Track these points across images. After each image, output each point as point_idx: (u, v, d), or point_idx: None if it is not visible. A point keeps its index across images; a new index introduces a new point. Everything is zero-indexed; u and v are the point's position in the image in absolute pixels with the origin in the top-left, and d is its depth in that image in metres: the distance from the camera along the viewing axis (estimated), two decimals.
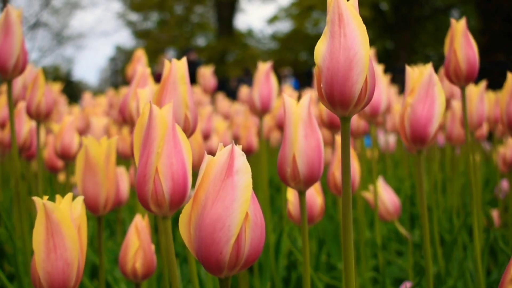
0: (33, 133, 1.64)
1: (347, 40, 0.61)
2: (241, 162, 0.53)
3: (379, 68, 1.54)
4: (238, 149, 0.53)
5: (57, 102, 2.85)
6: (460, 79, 1.18)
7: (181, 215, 0.55)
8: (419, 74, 0.92)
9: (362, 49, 0.61)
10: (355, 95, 0.61)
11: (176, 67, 0.90)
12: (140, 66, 1.34)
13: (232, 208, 0.52)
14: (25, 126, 1.55)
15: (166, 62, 0.91)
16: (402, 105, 0.93)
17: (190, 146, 0.70)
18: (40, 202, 0.70)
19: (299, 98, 1.67)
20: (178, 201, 0.68)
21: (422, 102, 0.90)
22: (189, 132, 0.92)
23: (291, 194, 1.12)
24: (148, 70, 1.31)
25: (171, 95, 0.89)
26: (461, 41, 1.16)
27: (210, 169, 0.53)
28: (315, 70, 0.63)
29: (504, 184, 2.20)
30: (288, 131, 0.83)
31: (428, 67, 0.92)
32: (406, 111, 0.91)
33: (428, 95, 0.90)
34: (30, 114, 1.44)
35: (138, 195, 0.68)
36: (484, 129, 2.32)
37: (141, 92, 0.95)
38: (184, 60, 0.91)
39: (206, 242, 0.53)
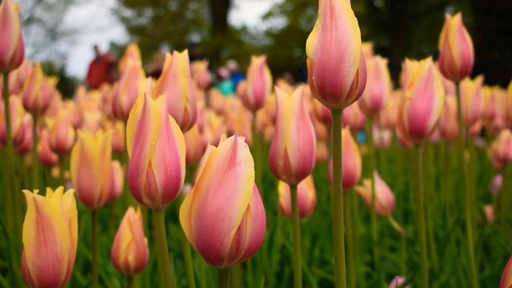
0: (25, 127, 1.64)
1: (338, 32, 0.61)
2: (244, 154, 0.53)
3: (382, 62, 1.54)
4: (241, 140, 0.54)
5: (51, 97, 2.84)
6: (455, 74, 1.18)
7: (182, 206, 0.55)
8: (418, 68, 0.92)
9: (354, 41, 0.61)
10: (346, 87, 0.61)
11: (177, 60, 0.90)
12: (130, 59, 1.33)
13: (233, 199, 0.52)
14: (17, 119, 1.54)
15: (168, 55, 0.91)
16: (400, 98, 0.93)
17: (186, 140, 0.69)
18: (31, 195, 0.69)
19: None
20: (171, 194, 0.68)
21: (421, 95, 0.91)
22: (188, 125, 0.92)
23: (283, 188, 1.12)
24: (138, 64, 1.31)
25: (171, 87, 0.89)
26: (456, 37, 1.17)
27: (212, 159, 0.54)
28: (307, 63, 0.64)
29: (498, 180, 2.21)
30: (280, 124, 0.84)
31: (428, 61, 0.92)
32: (405, 105, 0.92)
33: (427, 89, 0.91)
34: (27, 107, 1.44)
35: (131, 187, 0.68)
36: (477, 125, 2.33)
37: (140, 85, 0.95)
38: (185, 53, 0.92)
39: (207, 232, 0.53)
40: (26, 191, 0.70)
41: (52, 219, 0.70)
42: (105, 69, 8.44)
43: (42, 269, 0.70)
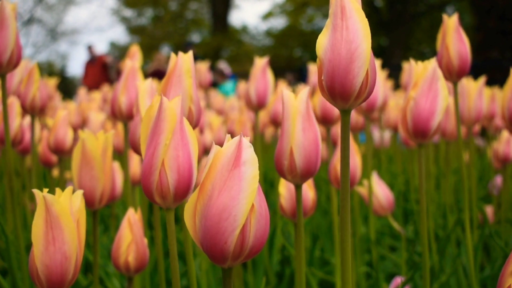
0: (24, 127, 1.64)
1: (349, 33, 0.61)
2: (249, 154, 0.54)
3: (376, 63, 1.54)
4: (246, 140, 0.54)
5: (52, 97, 2.84)
6: (452, 75, 1.18)
7: (186, 205, 0.55)
8: (423, 68, 0.92)
9: (364, 42, 0.61)
10: (356, 88, 0.61)
11: (182, 61, 0.90)
12: (128, 60, 1.33)
13: (238, 198, 0.53)
14: (16, 120, 1.54)
15: (172, 56, 0.91)
16: (404, 98, 0.93)
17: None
18: (40, 194, 0.70)
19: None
20: (182, 193, 0.68)
21: (425, 96, 0.91)
22: (193, 125, 0.92)
23: (283, 188, 1.12)
24: (137, 65, 1.31)
25: (176, 88, 0.90)
26: (453, 37, 1.17)
27: (217, 159, 0.54)
28: (316, 62, 0.64)
29: (498, 180, 2.21)
30: (286, 124, 0.84)
31: (432, 62, 0.93)
32: (408, 105, 0.92)
33: (431, 90, 0.91)
34: (25, 108, 1.44)
35: (143, 186, 0.68)
36: (477, 125, 2.33)
37: (141, 86, 0.95)
38: (190, 54, 0.92)
39: (211, 231, 0.53)
40: (35, 191, 0.71)
41: (61, 218, 0.70)
42: (100, 69, 8.32)
43: (50, 267, 0.71)
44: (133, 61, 1.35)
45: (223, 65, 7.71)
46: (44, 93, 1.45)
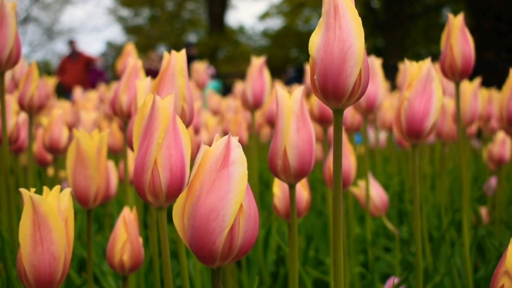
0: (20, 126, 1.64)
1: (342, 32, 0.60)
2: (237, 153, 0.53)
3: (377, 62, 1.54)
4: (234, 140, 0.54)
5: (47, 96, 2.84)
6: (455, 75, 1.18)
7: (175, 205, 0.55)
8: (417, 68, 0.92)
9: (357, 41, 0.60)
10: (348, 88, 0.61)
11: (175, 60, 0.90)
12: (131, 59, 1.33)
13: (226, 198, 0.52)
14: (12, 119, 1.54)
15: (166, 55, 0.91)
16: (399, 98, 0.93)
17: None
18: (27, 194, 0.69)
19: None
20: (175, 192, 0.68)
21: (419, 96, 0.91)
22: (185, 124, 0.92)
23: (277, 189, 1.12)
24: (139, 63, 1.31)
25: (169, 87, 0.90)
26: (458, 37, 1.17)
27: (205, 159, 0.54)
28: (309, 62, 0.63)
29: (493, 181, 2.21)
30: (280, 123, 0.83)
31: (427, 62, 0.92)
32: (402, 105, 0.92)
33: (425, 90, 0.91)
34: (23, 107, 1.44)
35: (135, 184, 0.68)
36: (473, 126, 2.33)
37: (139, 84, 0.96)
38: (183, 52, 0.92)
39: (199, 232, 0.53)
40: (23, 190, 0.70)
41: (48, 218, 0.70)
42: (82, 68, 7.95)
43: (38, 268, 0.70)
44: (133, 59, 1.35)
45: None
46: (43, 92, 1.45)
